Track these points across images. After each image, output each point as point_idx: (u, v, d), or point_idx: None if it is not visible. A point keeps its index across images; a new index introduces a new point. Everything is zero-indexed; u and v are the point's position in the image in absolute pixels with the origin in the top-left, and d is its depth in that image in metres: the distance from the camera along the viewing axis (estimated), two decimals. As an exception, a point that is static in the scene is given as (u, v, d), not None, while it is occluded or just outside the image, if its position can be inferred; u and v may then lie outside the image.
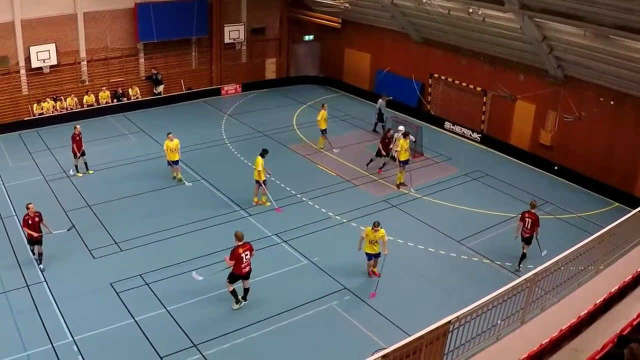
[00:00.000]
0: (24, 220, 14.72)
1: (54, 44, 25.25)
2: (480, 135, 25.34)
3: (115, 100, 27.64)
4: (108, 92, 27.36)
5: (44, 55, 25.07)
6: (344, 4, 27.12)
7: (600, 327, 8.43)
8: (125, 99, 27.96)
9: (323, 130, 23.41)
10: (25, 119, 25.19)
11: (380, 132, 25.19)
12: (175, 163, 20.17)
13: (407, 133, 20.83)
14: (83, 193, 19.32)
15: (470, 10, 21.79)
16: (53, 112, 25.83)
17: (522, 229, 15.58)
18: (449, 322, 7.49)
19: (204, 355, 12.20)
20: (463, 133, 25.95)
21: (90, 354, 12.04)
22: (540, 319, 9.20)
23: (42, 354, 11.99)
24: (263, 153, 18.59)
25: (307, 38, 33.12)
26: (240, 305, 13.68)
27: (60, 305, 13.56)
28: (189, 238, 16.80)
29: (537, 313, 9.31)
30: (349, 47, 31.62)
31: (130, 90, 28.17)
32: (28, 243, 15.38)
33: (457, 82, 26.30)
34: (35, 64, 25.02)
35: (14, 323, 12.91)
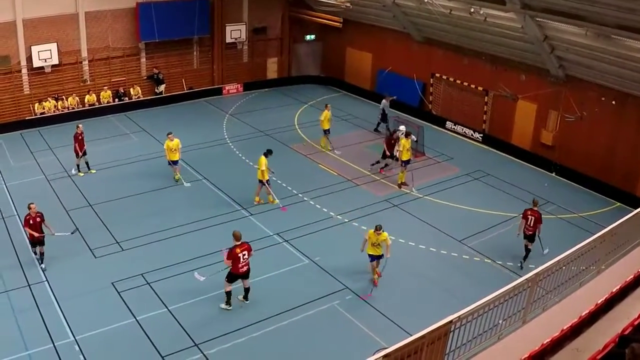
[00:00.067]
0: (26, 220, 14.74)
1: (56, 44, 25.27)
2: (482, 135, 25.33)
3: (117, 100, 27.66)
4: (109, 91, 27.38)
5: (46, 55, 25.09)
6: (346, 4, 27.08)
7: (602, 327, 8.43)
8: (127, 99, 27.98)
9: (326, 131, 23.38)
10: (27, 119, 25.22)
11: (382, 132, 25.21)
12: (175, 163, 20.14)
13: (408, 133, 20.81)
14: (84, 192, 19.34)
15: (472, 10, 21.78)
16: (54, 111, 25.86)
17: (524, 227, 15.67)
18: (451, 321, 7.49)
19: (205, 355, 12.21)
20: (464, 133, 25.93)
21: (92, 354, 12.05)
22: (542, 319, 9.19)
23: (43, 354, 12.00)
24: (267, 153, 18.58)
25: (308, 37, 33.10)
26: (229, 308, 13.62)
27: (62, 305, 13.58)
28: (190, 237, 16.81)
29: (538, 313, 9.30)
30: (351, 46, 31.60)
31: (132, 90, 28.18)
32: (30, 243, 15.38)
33: (458, 81, 26.28)
34: (37, 64, 25.04)
35: (16, 322, 12.92)
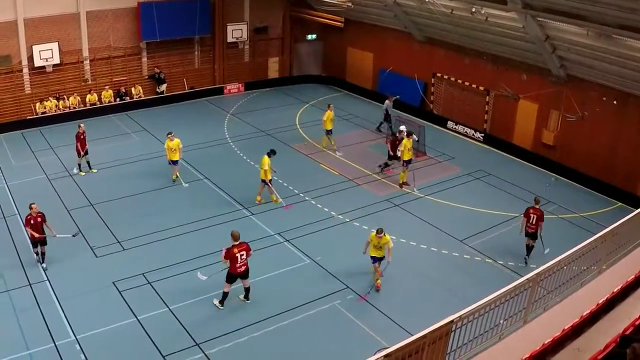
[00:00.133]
0: (26, 220, 14.75)
1: (57, 43, 25.29)
2: (483, 135, 25.30)
3: (118, 99, 27.68)
4: (111, 91, 27.40)
5: (47, 54, 25.11)
6: (347, 3, 27.12)
7: (603, 326, 8.42)
8: (128, 98, 27.98)
9: (328, 131, 23.32)
10: (28, 118, 25.25)
11: (384, 132, 25.21)
12: (175, 163, 20.09)
13: (410, 132, 20.81)
14: (85, 192, 19.36)
15: (473, 10, 21.78)
16: (56, 111, 25.88)
17: (526, 225, 15.71)
18: (452, 321, 7.48)
19: (206, 354, 12.22)
20: (466, 132, 25.91)
21: (93, 353, 12.06)
22: (543, 319, 9.17)
23: (44, 353, 12.01)
24: (270, 153, 18.57)
25: (309, 37, 33.08)
26: (221, 307, 13.62)
27: (63, 304, 13.59)
28: (191, 237, 16.81)
29: (539, 313, 9.28)
30: (352, 46, 31.59)
31: (133, 89, 28.20)
32: (31, 243, 15.37)
33: (459, 81, 26.27)
34: (38, 63, 25.06)
35: (17, 322, 12.93)
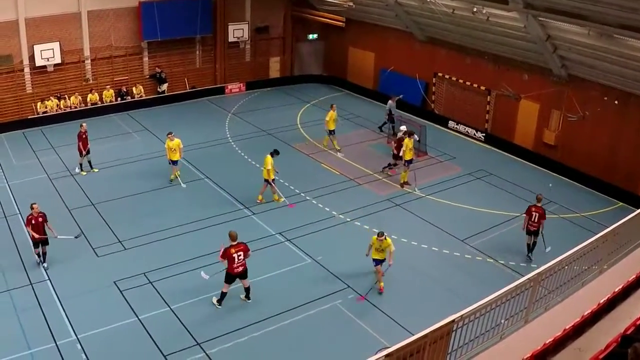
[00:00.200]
0: (28, 220, 14.73)
1: (58, 43, 25.29)
2: (484, 135, 25.29)
3: (119, 99, 27.69)
4: (112, 90, 27.41)
5: (48, 54, 25.11)
6: (348, 3, 27.11)
7: (604, 326, 8.41)
8: (129, 98, 27.98)
9: (331, 131, 23.26)
10: (29, 118, 25.25)
11: (386, 131, 25.19)
12: (175, 163, 20.03)
13: (411, 132, 20.81)
14: (87, 191, 19.37)
15: (475, 10, 21.77)
16: (57, 110, 25.89)
17: (528, 223, 15.76)
18: (453, 321, 7.48)
19: (207, 354, 12.22)
20: (467, 132, 25.90)
21: (94, 352, 12.07)
22: (544, 319, 9.18)
23: (45, 352, 12.02)
24: (273, 153, 18.58)
25: (311, 37, 33.08)
26: (219, 307, 13.63)
27: (64, 304, 13.60)
28: (193, 236, 16.82)
29: (540, 312, 9.29)
30: (353, 46, 31.58)
31: (134, 89, 28.20)
32: (32, 243, 15.33)
33: (461, 81, 26.25)
34: (39, 63, 25.07)
35: (18, 321, 12.94)
